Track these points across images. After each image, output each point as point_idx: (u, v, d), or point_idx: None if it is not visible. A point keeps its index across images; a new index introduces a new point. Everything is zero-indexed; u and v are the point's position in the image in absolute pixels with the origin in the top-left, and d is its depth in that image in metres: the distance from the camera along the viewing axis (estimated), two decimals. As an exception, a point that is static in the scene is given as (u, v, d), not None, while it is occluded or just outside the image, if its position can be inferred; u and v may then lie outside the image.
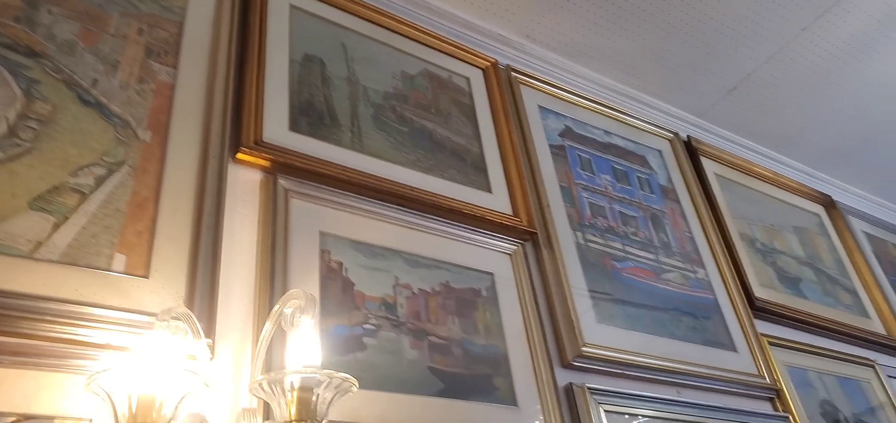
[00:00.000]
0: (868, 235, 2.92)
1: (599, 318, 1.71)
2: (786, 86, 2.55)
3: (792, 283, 2.35)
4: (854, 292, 2.58)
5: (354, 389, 0.96)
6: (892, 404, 2.24)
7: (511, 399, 1.44)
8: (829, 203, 2.88)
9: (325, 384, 0.91)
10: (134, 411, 0.80)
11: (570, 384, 1.56)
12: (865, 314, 2.52)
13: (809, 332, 2.25)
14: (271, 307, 1.14)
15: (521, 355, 1.52)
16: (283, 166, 1.40)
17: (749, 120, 2.66)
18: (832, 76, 2.54)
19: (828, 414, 2.05)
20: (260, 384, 0.91)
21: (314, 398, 0.90)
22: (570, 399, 1.54)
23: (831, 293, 2.47)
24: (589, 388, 1.55)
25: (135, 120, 1.28)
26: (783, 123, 2.71)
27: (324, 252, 1.35)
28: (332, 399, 0.94)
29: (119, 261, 1.10)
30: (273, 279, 1.23)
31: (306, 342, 0.97)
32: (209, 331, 1.12)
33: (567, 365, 1.60)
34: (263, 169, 1.40)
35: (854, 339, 2.36)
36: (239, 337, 1.18)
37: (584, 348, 1.61)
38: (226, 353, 1.15)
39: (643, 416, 1.61)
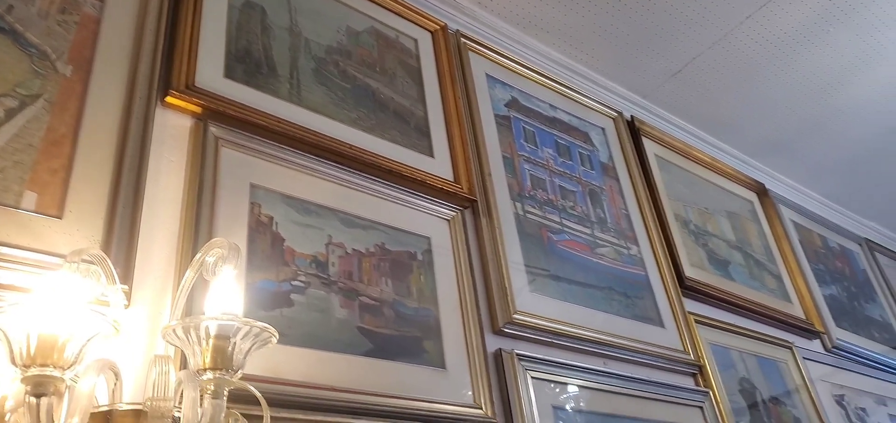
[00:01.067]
0: (796, 224, 3.04)
1: (533, 288, 1.73)
2: (727, 73, 2.61)
3: (721, 265, 2.43)
4: (779, 278, 2.68)
5: (274, 340, 0.94)
6: (806, 384, 2.35)
7: (440, 362, 1.44)
8: (762, 191, 2.98)
9: (242, 333, 0.89)
10: (32, 351, 0.76)
11: (500, 350, 1.58)
12: (788, 299, 2.63)
13: (734, 312, 2.33)
14: (194, 257, 1.10)
15: (453, 319, 1.53)
16: (215, 114, 1.35)
17: (691, 104, 2.72)
18: (771, 67, 2.61)
19: (746, 392, 2.13)
20: (173, 330, 0.88)
21: (231, 346, 0.88)
22: (498, 365, 1.56)
23: (758, 277, 2.56)
24: (518, 354, 1.57)
25: (54, 52, 1.20)
26: (723, 109, 2.78)
27: (254, 205, 1.32)
28: (250, 349, 0.91)
29: (29, 199, 1.04)
30: (197, 229, 1.19)
31: (227, 291, 0.94)
32: (126, 277, 1.07)
33: (498, 332, 1.62)
34: (194, 115, 1.35)
35: (775, 321, 2.46)
36: (159, 285, 1.15)
37: (515, 316, 1.62)
38: (143, 300, 1.11)
39: (569, 384, 1.65)
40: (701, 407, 1.91)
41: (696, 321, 2.13)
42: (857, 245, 3.40)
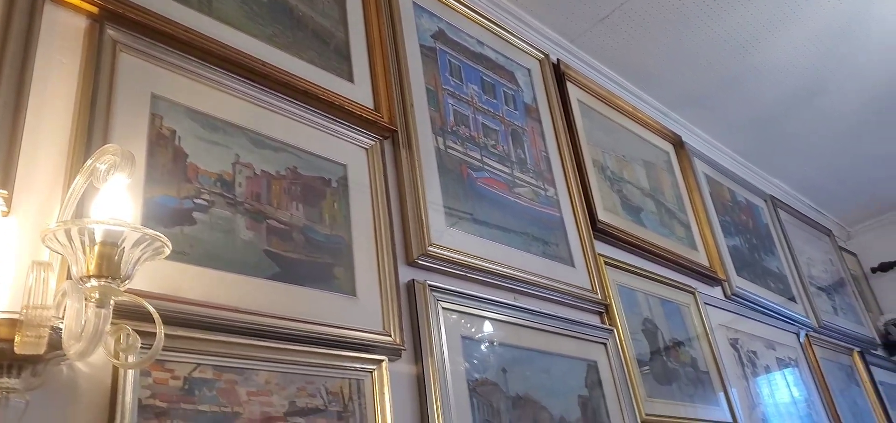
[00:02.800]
0: (708, 177, 3.17)
1: (449, 222, 1.73)
2: (654, 22, 2.65)
3: (634, 211, 2.51)
4: (687, 227, 2.80)
5: (167, 251, 0.90)
6: (705, 327, 2.49)
7: (351, 290, 1.44)
8: (678, 143, 3.08)
9: (132, 240, 0.84)
10: None
11: (413, 280, 1.58)
12: (694, 247, 2.75)
13: (643, 257, 2.43)
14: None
15: (366, 248, 1.52)
16: (114, 16, 1.25)
17: (616, 52, 2.76)
18: (696, 19, 2.67)
19: (648, 332, 2.24)
20: (54, 234, 0.82)
21: (118, 253, 0.83)
22: (410, 295, 1.57)
23: (667, 225, 2.67)
24: (430, 285, 1.58)
25: (-76, -70, 1.08)
26: (647, 59, 2.83)
27: (155, 117, 1.25)
28: (140, 259, 0.87)
29: None
30: (90, 138, 1.12)
31: (117, 199, 0.89)
32: (5, 182, 1.00)
33: (412, 263, 1.62)
34: (90, 15, 1.25)
35: (681, 267, 2.58)
36: (45, 194, 1.07)
37: (430, 248, 1.63)
38: (26, 209, 1.04)
39: (479, 317, 1.68)
40: (605, 344, 1.99)
41: (606, 263, 2.21)
42: (762, 201, 3.59)
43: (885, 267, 4.22)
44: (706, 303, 2.61)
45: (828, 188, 3.90)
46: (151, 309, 0.95)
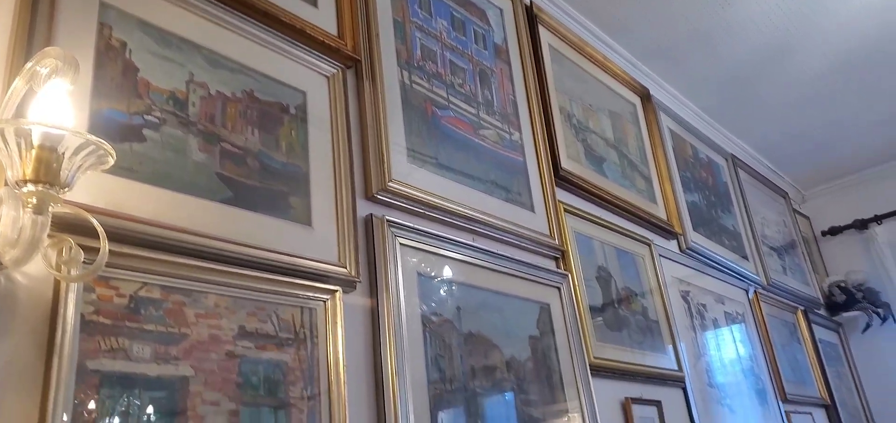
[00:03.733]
0: (672, 131, 3.20)
1: (410, 158, 1.72)
2: (628, -28, 2.62)
3: (597, 161, 2.53)
4: (649, 180, 2.84)
5: (111, 160, 0.87)
6: (657, 278, 2.55)
7: (306, 220, 1.42)
8: (646, 96, 3.09)
9: (73, 146, 0.81)
10: None
11: (371, 215, 1.57)
12: (653, 201, 2.79)
13: (603, 207, 2.45)
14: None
15: (324, 179, 1.50)
16: (61, -86, 1.18)
17: (590, -1, 2.73)
18: (669, -27, 2.65)
19: (602, 279, 2.28)
20: (-14, 137, 0.79)
21: (57, 159, 0.80)
22: (367, 229, 1.56)
23: (629, 177, 2.70)
24: (388, 220, 1.58)
25: None
26: (620, 7, 2.80)
27: (103, 26, 1.19)
28: (81, 167, 0.84)
29: None
30: (31, 42, 1.07)
31: (57, 103, 0.85)
32: (-64, 82, 0.95)
33: (371, 198, 1.61)
34: (35, -89, 1.17)
35: (639, 219, 2.62)
36: (-18, 99, 1.02)
37: (390, 184, 1.61)
38: (-39, 112, 0.99)
39: (436, 254, 1.68)
40: (559, 288, 2.02)
41: (566, 210, 2.23)
42: (723, 160, 3.65)
43: (834, 231, 4.36)
44: (661, 255, 2.67)
45: (787, 150, 3.98)
46: (94, 222, 0.93)
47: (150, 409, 1.05)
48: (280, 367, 1.25)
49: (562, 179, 2.26)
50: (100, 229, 0.92)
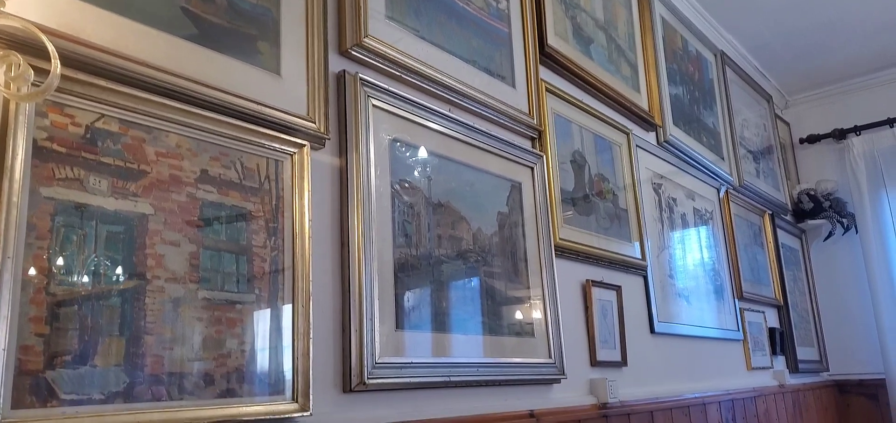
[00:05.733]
0: (664, 20, 3.11)
1: (389, 15, 1.65)
2: None
3: (584, 41, 2.46)
4: (635, 68, 2.78)
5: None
6: (632, 168, 2.56)
7: (275, 68, 1.37)
8: (640, -20, 2.98)
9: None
10: None
11: (344, 71, 1.52)
12: (637, 90, 2.75)
13: (585, 90, 2.41)
14: None
15: (296, 27, 1.43)
16: None
17: None
18: None
19: (577, 163, 2.28)
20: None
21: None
22: (340, 86, 1.51)
23: (615, 62, 2.64)
24: (362, 79, 1.53)
25: None
26: None
27: None
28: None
29: None
30: None
31: None
32: None
33: (344, 52, 1.55)
34: None
35: (621, 107, 2.59)
36: None
37: (365, 40, 1.55)
38: None
39: (411, 120, 1.65)
40: (532, 168, 2.02)
41: (547, 90, 2.19)
42: (712, 56, 3.58)
43: (812, 139, 4.39)
44: (638, 146, 2.66)
45: (777, 52, 3.92)
46: (44, 39, 0.87)
47: (107, 242, 1.03)
48: (243, 214, 1.24)
49: (547, 56, 2.21)
50: (50, 47, 0.87)
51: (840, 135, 4.23)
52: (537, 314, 1.89)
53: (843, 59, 4.03)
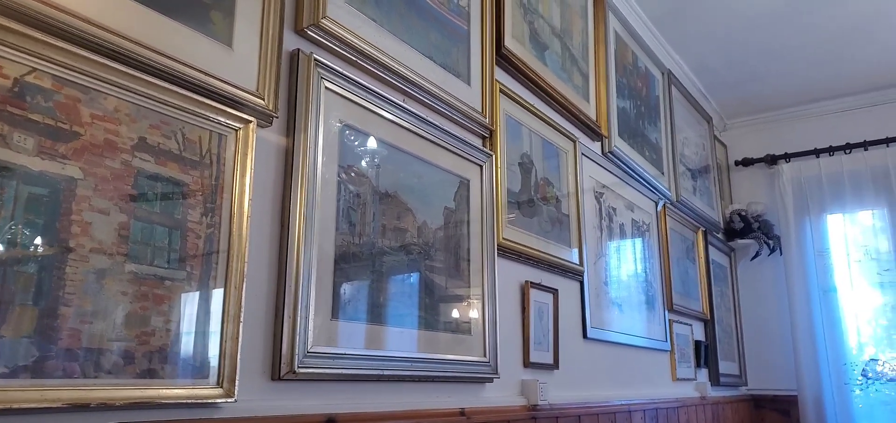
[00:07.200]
0: (617, 34, 3.17)
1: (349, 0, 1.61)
2: None
3: (540, 47, 2.48)
4: (586, 78, 2.82)
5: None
6: (576, 175, 2.60)
7: (227, 40, 1.32)
8: (599, -8, 3.02)
9: None
10: None
11: (298, 49, 1.48)
12: (587, 99, 2.80)
13: (537, 95, 2.43)
14: None
15: (252, 1, 1.38)
16: None
17: None
18: None
19: (524, 166, 2.29)
20: None
21: None
22: (292, 64, 1.47)
23: (568, 71, 2.67)
24: (316, 60, 1.49)
25: None
26: None
27: None
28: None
29: None
30: None
31: None
32: None
33: (300, 31, 1.51)
34: None
35: (570, 115, 2.62)
36: None
37: (323, 21, 1.51)
38: None
39: (364, 107, 1.62)
40: (481, 166, 2.02)
41: (501, 90, 2.19)
42: (660, 74, 3.68)
43: (746, 162, 4.57)
44: (584, 154, 2.71)
45: (720, 75, 4.05)
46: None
47: (28, 204, 0.97)
48: (180, 188, 1.19)
49: (503, 57, 2.21)
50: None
51: (771, 160, 4.42)
52: (475, 313, 1.89)
53: (779, 89, 4.21)
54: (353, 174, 1.57)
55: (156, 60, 1.16)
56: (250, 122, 1.32)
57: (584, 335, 2.52)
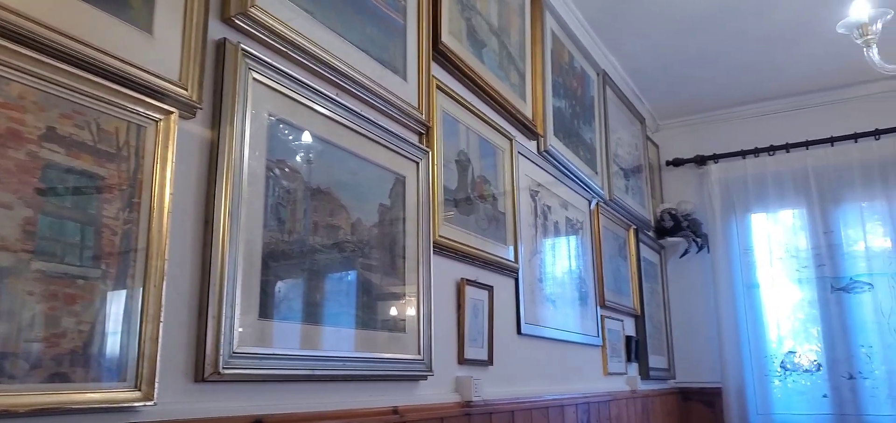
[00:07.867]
0: (554, 34, 3.21)
1: (280, -13, 1.56)
2: None
3: (478, 44, 2.48)
4: (523, 77, 2.85)
5: None
6: (512, 173, 2.62)
7: (147, 26, 1.26)
8: (536, -8, 3.05)
9: None
10: None
11: (224, 39, 1.43)
12: (523, 98, 2.82)
13: (473, 92, 2.43)
14: None
15: (175, -15, 1.32)
16: None
17: None
18: None
19: (461, 163, 2.29)
20: None
21: None
22: (219, 54, 1.42)
23: (505, 69, 2.69)
24: (244, 50, 1.44)
25: None
26: None
27: None
28: None
29: None
30: None
31: None
32: None
33: (227, 20, 1.45)
34: None
35: (506, 113, 2.64)
36: None
37: (251, 10, 1.46)
38: None
39: (295, 100, 1.58)
40: (418, 163, 2.00)
41: (438, 87, 2.18)
42: (595, 74, 3.75)
43: (677, 162, 4.72)
44: (520, 152, 2.73)
45: (653, 77, 4.17)
46: None
47: (-81, 198, 0.89)
48: (95, 181, 1.13)
49: (440, 53, 2.20)
50: None
51: (701, 161, 4.58)
52: (411, 310, 1.88)
53: (709, 92, 4.37)
54: (284, 169, 1.53)
55: (65, 45, 1.09)
56: (172, 113, 1.26)
57: (519, 331, 2.54)
